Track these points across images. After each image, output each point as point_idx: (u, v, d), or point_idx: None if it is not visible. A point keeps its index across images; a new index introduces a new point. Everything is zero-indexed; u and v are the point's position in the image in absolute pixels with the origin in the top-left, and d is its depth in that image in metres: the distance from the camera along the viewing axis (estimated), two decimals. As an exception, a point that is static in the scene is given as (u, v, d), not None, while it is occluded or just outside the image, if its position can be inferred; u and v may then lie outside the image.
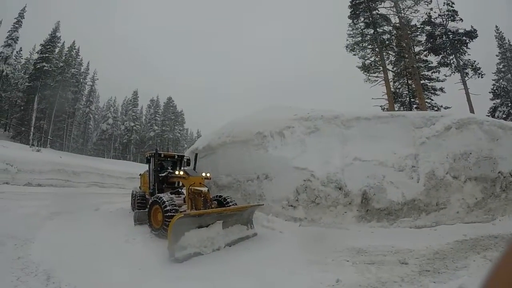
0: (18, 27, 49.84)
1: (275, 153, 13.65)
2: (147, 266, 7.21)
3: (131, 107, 72.81)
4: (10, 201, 17.44)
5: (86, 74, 64.46)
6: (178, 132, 78.67)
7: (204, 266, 7.30)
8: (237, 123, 16.33)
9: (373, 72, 35.06)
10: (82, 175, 33.31)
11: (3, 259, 7.38)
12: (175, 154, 15.14)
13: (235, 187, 14.53)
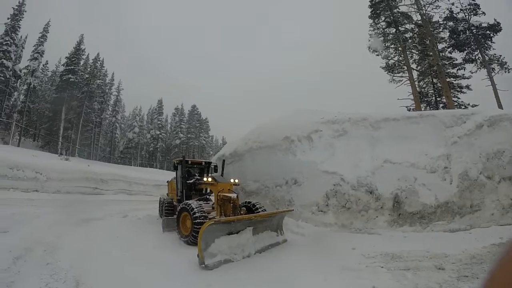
0: (43, 41, 51.23)
1: (303, 157, 13.43)
2: (177, 273, 7.09)
3: (156, 116, 73.64)
4: (39, 208, 17.64)
5: (111, 85, 66.03)
6: (204, 139, 79.27)
7: (235, 273, 7.12)
8: (264, 128, 16.12)
9: (397, 72, 34.43)
10: (110, 182, 33.76)
11: (33, 265, 7.39)
12: (202, 160, 15.12)
13: (264, 193, 14.35)
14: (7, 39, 45.99)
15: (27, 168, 26.70)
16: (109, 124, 66.55)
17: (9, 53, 45.77)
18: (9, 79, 46.55)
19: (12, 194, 23.26)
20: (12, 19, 47.55)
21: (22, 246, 8.80)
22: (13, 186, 24.84)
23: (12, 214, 14.04)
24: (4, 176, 24.79)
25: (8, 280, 6.24)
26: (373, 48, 34.80)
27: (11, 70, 46.21)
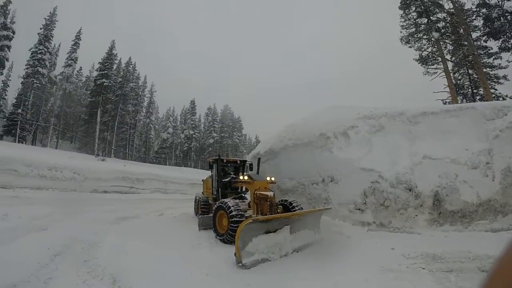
0: (76, 48, 53.00)
1: (340, 154, 13.17)
2: (214, 272, 7.02)
3: (189, 116, 74.29)
4: (77, 206, 18.30)
5: (144, 87, 67.18)
6: (237, 138, 79.61)
7: (272, 272, 7.01)
8: (299, 125, 15.88)
9: (431, 64, 33.35)
10: (146, 182, 34.33)
11: (70, 262, 7.48)
12: (237, 159, 15.00)
13: (300, 191, 14.17)
14: (41, 48, 47.56)
15: (65, 169, 27.56)
16: (143, 125, 67.62)
17: (44, 61, 47.43)
18: (45, 86, 48.64)
19: (51, 194, 23.94)
20: (44, 28, 49.16)
21: (60, 244, 8.93)
22: (51, 186, 25.69)
23: (51, 213, 14.33)
24: (43, 176, 25.71)
25: (46, 276, 6.33)
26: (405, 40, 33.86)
27: (46, 77, 48.18)
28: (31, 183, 24.91)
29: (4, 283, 5.82)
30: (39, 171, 25.94)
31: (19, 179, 24.57)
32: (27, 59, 47.61)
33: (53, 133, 51.43)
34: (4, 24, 43.49)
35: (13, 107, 49.31)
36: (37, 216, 13.13)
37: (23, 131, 45.78)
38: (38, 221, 12.27)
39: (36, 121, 48.42)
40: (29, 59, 47.50)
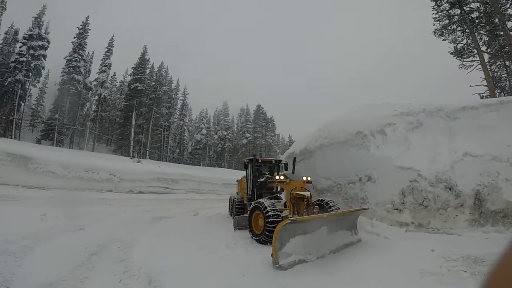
0: (109, 55, 54.52)
1: (377, 152, 12.86)
2: (250, 273, 6.92)
3: (222, 117, 74.92)
4: (114, 207, 18.57)
5: (177, 90, 68.10)
6: (270, 138, 79.42)
7: (310, 274, 6.81)
8: (334, 123, 15.59)
9: (466, 57, 32.14)
10: (180, 182, 34.84)
11: (107, 261, 7.55)
12: (272, 159, 14.91)
13: (336, 191, 13.92)
14: (76, 56, 49.25)
15: (102, 170, 28.38)
16: (177, 127, 68.52)
17: (78, 68, 49.11)
18: (81, 91, 50.21)
19: (88, 194, 24.50)
20: (78, 37, 50.85)
21: (97, 243, 9.07)
22: (88, 187, 26.53)
23: (88, 213, 14.67)
24: (80, 178, 26.60)
25: (82, 275, 6.39)
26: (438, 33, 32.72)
27: (82, 83, 49.81)
28: (68, 184, 25.71)
29: (41, 282, 5.88)
30: (76, 173, 26.79)
31: (57, 181, 25.36)
32: (63, 66, 49.43)
33: (90, 136, 52.93)
34: (39, 34, 45.26)
35: (51, 112, 51.07)
36: (74, 216, 13.42)
37: (61, 135, 47.42)
38: (75, 220, 12.53)
39: (73, 125, 50.11)
40: (64, 66, 49.21)
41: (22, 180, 23.47)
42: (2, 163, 24.09)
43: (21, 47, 44.59)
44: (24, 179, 23.71)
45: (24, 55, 43.65)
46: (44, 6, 47.12)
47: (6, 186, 22.02)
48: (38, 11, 46.49)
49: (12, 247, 7.92)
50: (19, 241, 8.53)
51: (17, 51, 45.27)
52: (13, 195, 19.37)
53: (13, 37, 49.86)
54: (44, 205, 15.83)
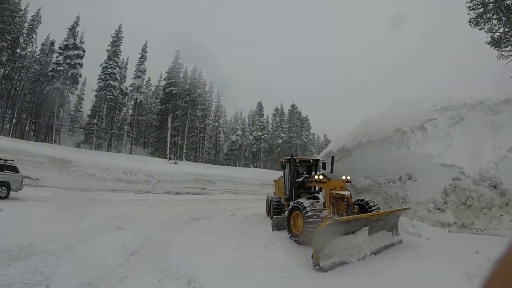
0: (143, 60, 55.84)
1: (417, 150, 12.43)
2: (290, 275, 6.78)
3: (257, 118, 74.59)
4: (152, 207, 18.77)
5: (211, 92, 68.61)
6: (305, 138, 78.85)
7: (351, 277, 6.62)
8: (372, 121, 15.23)
9: (504, 46, 30.58)
10: (217, 183, 35.22)
11: (145, 261, 7.56)
12: (310, 158, 14.73)
13: (375, 190, 13.57)
14: (111, 63, 50.63)
15: (140, 172, 29.05)
16: (212, 128, 68.99)
17: (114, 74, 50.45)
18: (117, 97, 51.47)
19: (126, 196, 25.06)
20: (112, 45, 52.28)
21: (135, 243, 9.14)
22: (127, 188, 27.19)
23: (126, 213, 14.90)
24: (119, 180, 27.31)
25: (121, 275, 6.41)
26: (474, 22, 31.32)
27: (118, 89, 51.00)
28: (107, 186, 26.41)
29: (81, 281, 5.92)
30: (115, 175, 27.55)
31: (97, 183, 26.09)
32: (99, 73, 50.91)
33: (127, 139, 54.32)
34: (75, 44, 46.98)
35: (89, 117, 52.68)
36: (113, 216, 13.63)
37: (99, 139, 48.68)
38: (114, 221, 12.71)
39: (111, 129, 51.32)
40: (100, 73, 50.66)
41: (63, 182, 24.26)
42: (43, 166, 24.99)
43: (57, 57, 46.48)
44: (64, 181, 24.50)
45: (61, 64, 45.39)
46: (77, 17, 48.88)
47: (48, 188, 22.71)
48: (72, 22, 48.39)
49: (53, 246, 8.05)
50: (60, 240, 8.68)
51: (54, 60, 47.37)
52: (54, 197, 19.90)
53: (50, 48, 51.67)
54: (83, 206, 16.21)
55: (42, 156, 25.86)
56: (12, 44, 43.67)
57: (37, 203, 16.61)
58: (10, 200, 16.04)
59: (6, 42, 41.66)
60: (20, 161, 23.41)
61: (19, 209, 14.21)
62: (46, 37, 52.51)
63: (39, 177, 24.01)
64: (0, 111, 45.54)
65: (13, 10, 43.14)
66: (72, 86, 48.01)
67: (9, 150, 24.18)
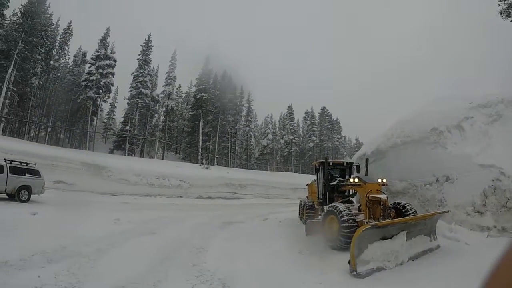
0: (173, 68, 56.93)
1: (455, 150, 11.89)
2: (326, 281, 6.64)
3: (288, 121, 74.35)
4: (184, 212, 18.93)
5: (242, 97, 68.48)
6: (337, 140, 78.12)
7: (389, 284, 6.44)
8: (407, 121, 14.73)
9: None
10: (248, 187, 35.30)
11: (179, 265, 7.52)
12: (343, 161, 14.54)
13: (411, 193, 13.11)
14: (142, 71, 51.91)
15: (172, 177, 29.54)
16: (243, 133, 69.16)
17: (145, 82, 51.70)
18: (149, 104, 52.94)
19: (159, 200, 25.45)
20: (142, 54, 53.64)
21: (168, 247, 9.16)
22: (159, 193, 27.72)
23: (159, 217, 15.02)
24: (152, 185, 27.88)
25: (155, 279, 6.37)
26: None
27: (149, 96, 52.46)
28: (140, 190, 26.90)
29: (114, 284, 5.93)
30: (147, 180, 28.10)
31: (130, 187, 26.59)
32: (130, 82, 52.46)
33: (159, 145, 55.26)
34: (106, 54, 48.54)
35: (122, 125, 54.40)
36: (146, 221, 13.72)
37: (132, 145, 49.87)
38: (147, 225, 12.79)
39: (143, 135, 52.54)
40: (132, 82, 52.16)
41: (97, 187, 24.92)
42: (78, 172, 25.61)
43: (90, 67, 48.29)
44: (98, 186, 25.16)
45: (93, 74, 46.98)
46: (107, 28, 50.44)
47: (82, 193, 23.29)
48: (103, 34, 49.99)
49: (87, 249, 8.12)
50: (93, 244, 8.77)
51: (87, 71, 49.20)
52: (88, 201, 20.32)
53: (82, 59, 53.82)
54: (117, 210, 16.40)
55: (77, 162, 26.59)
56: (45, 56, 45.53)
57: (72, 207, 17.00)
58: (44, 203, 16.36)
59: (40, 55, 43.36)
60: (55, 166, 24.36)
61: (53, 212, 14.45)
62: (78, 49, 54.86)
63: (74, 182, 24.70)
64: (36, 119, 47.92)
65: (45, 24, 44.95)
66: (104, 94, 49.45)
67: (45, 156, 25.02)
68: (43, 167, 23.05)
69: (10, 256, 6.78)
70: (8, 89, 38.37)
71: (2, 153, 19.61)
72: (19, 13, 41.75)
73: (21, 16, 41.17)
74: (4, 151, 21.61)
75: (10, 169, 16.06)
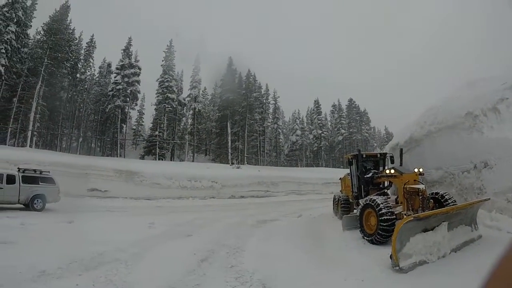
0: (197, 71, 57.44)
1: (492, 134, 11.25)
2: (369, 277, 6.45)
3: (315, 116, 73.83)
4: (217, 212, 19.06)
5: (267, 95, 68.60)
6: (366, 132, 77.09)
7: (433, 278, 6.22)
8: (439, 106, 14.14)
9: None
10: (280, 185, 35.37)
11: (217, 267, 7.46)
12: (377, 153, 14.41)
13: (448, 182, 12.58)
14: (167, 77, 52.77)
15: (203, 178, 29.89)
16: (271, 131, 69.26)
17: (171, 87, 52.54)
18: (176, 108, 53.77)
19: (191, 202, 25.73)
20: (165, 60, 54.62)
21: (205, 249, 9.08)
22: (192, 195, 28.15)
23: (193, 219, 15.09)
24: (184, 187, 28.29)
25: (194, 282, 6.30)
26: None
27: (176, 100, 53.20)
28: (173, 193, 27.33)
29: (152, 289, 5.82)
30: (179, 183, 28.51)
31: (162, 191, 27.03)
32: (156, 88, 53.47)
33: (189, 148, 55.89)
34: (130, 63, 50.04)
35: (151, 130, 55.95)
36: (180, 223, 13.79)
37: (162, 149, 50.60)
38: (182, 227, 12.85)
39: (172, 139, 53.25)
40: (158, 88, 53.12)
41: (130, 193, 25.42)
42: (111, 179, 26.11)
43: (115, 77, 50.51)
44: (131, 191, 25.65)
45: (119, 83, 48.57)
46: (129, 38, 51.97)
47: (115, 199, 23.74)
48: (125, 43, 51.56)
49: (123, 255, 8.16)
50: (130, 249, 8.82)
51: (113, 80, 50.99)
52: (122, 206, 20.79)
53: (107, 69, 56.18)
54: (151, 214, 16.54)
55: (109, 169, 27.09)
56: (71, 70, 47.36)
57: (107, 213, 17.27)
58: (79, 211, 16.55)
59: (66, 69, 44.87)
60: (88, 175, 24.99)
61: (89, 219, 14.69)
62: (103, 60, 57.39)
63: (107, 189, 25.31)
64: (67, 131, 50.01)
65: (68, 39, 46.47)
66: (132, 102, 51.03)
67: (78, 165, 25.71)
68: (77, 177, 23.88)
69: (48, 265, 6.82)
70: (38, 104, 39.78)
71: (36, 165, 20.01)
72: (42, 31, 43.55)
73: (44, 34, 42.88)
74: (38, 163, 22.16)
75: (22, 179, 15.99)
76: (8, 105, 39.12)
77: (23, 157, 23.46)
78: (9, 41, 36.21)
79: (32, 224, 11.87)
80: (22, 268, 6.55)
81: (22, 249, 8.48)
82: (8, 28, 36.24)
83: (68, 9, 46.78)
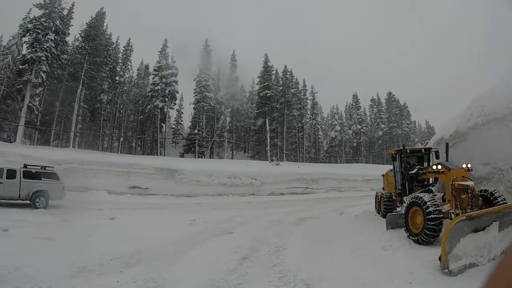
0: (234, 69, 58.65)
1: None
2: (417, 280, 6.19)
3: (354, 111, 72.82)
4: (257, 209, 19.07)
5: (305, 91, 68.24)
6: (406, 127, 75.14)
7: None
8: (487, 97, 13.16)
9: None
10: (320, 181, 35.10)
11: (259, 266, 7.34)
12: (421, 148, 13.98)
13: (496, 178, 11.77)
14: (204, 76, 53.46)
15: (243, 175, 30.03)
16: (310, 127, 68.65)
17: (208, 86, 53.36)
18: (214, 106, 54.60)
19: (231, 199, 25.86)
20: (202, 59, 55.67)
21: (246, 247, 9.01)
22: (231, 192, 28.41)
23: (233, 216, 15.17)
24: (223, 184, 28.62)
25: (236, 281, 6.21)
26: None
27: (213, 99, 54.17)
28: (212, 190, 27.61)
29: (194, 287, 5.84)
30: (219, 180, 28.84)
31: (202, 188, 27.35)
32: (194, 87, 54.41)
33: (228, 145, 56.47)
34: (167, 64, 51.76)
35: (190, 129, 56.84)
36: (221, 220, 13.75)
37: (201, 147, 51.32)
38: (223, 224, 12.80)
39: (211, 137, 53.94)
40: (195, 87, 53.99)
41: (170, 190, 25.96)
42: (152, 176, 26.64)
43: (153, 78, 52.05)
44: (172, 189, 26.17)
45: (158, 84, 50.05)
46: (165, 40, 53.86)
47: (157, 196, 24.17)
48: (161, 45, 53.44)
49: (164, 252, 8.19)
50: (171, 246, 8.87)
51: (151, 82, 52.70)
52: (163, 204, 21.04)
53: (145, 71, 58.49)
54: (191, 211, 16.54)
55: (150, 167, 27.67)
56: (111, 73, 49.07)
57: (148, 210, 17.43)
58: (122, 208, 16.98)
59: (105, 73, 46.43)
60: (130, 173, 25.66)
61: (131, 216, 14.90)
62: (140, 62, 60.06)
63: (149, 186, 26.16)
64: (108, 131, 51.84)
65: (106, 44, 48.16)
66: (171, 102, 52.39)
67: (119, 164, 26.50)
68: (119, 175, 24.38)
69: (89, 261, 6.90)
70: (80, 107, 41.33)
71: (78, 164, 20.43)
72: (80, 38, 45.40)
73: (83, 40, 44.44)
74: (80, 162, 22.81)
75: (23, 174, 15.63)
76: (51, 109, 41.19)
77: (66, 157, 24.30)
78: (48, 49, 37.63)
79: (75, 221, 12.02)
80: (62, 264, 6.62)
81: (63, 245, 8.61)
82: (47, 37, 37.66)
83: (104, 15, 48.41)
